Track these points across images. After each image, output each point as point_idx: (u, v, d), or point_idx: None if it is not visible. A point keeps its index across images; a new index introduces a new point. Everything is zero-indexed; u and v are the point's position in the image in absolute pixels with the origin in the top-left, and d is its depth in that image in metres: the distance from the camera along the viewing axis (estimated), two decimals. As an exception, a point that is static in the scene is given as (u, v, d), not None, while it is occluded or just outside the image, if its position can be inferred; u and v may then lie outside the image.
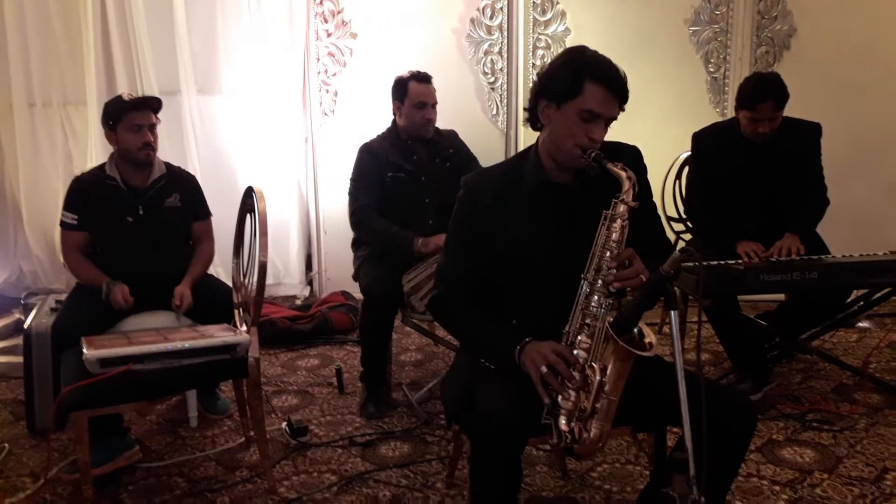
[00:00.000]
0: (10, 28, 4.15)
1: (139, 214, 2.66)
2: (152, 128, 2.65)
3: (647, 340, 1.58)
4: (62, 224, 2.68)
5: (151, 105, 2.67)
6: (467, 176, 1.84)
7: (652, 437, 1.96)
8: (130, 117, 2.60)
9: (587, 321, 1.63)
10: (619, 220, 1.63)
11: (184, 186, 2.79)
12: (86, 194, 2.67)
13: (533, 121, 1.79)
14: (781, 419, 2.73)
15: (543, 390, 1.59)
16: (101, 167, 2.71)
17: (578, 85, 1.65)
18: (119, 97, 2.67)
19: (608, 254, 1.63)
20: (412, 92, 2.96)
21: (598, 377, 1.57)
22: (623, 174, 1.63)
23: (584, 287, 1.65)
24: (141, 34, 4.16)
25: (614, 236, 1.63)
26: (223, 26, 4.29)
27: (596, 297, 1.62)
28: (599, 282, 1.63)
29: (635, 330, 1.59)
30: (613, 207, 1.64)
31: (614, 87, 1.66)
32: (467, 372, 1.81)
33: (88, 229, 2.67)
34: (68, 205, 2.67)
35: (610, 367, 1.57)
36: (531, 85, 1.81)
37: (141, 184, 2.68)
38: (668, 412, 1.56)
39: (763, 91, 2.77)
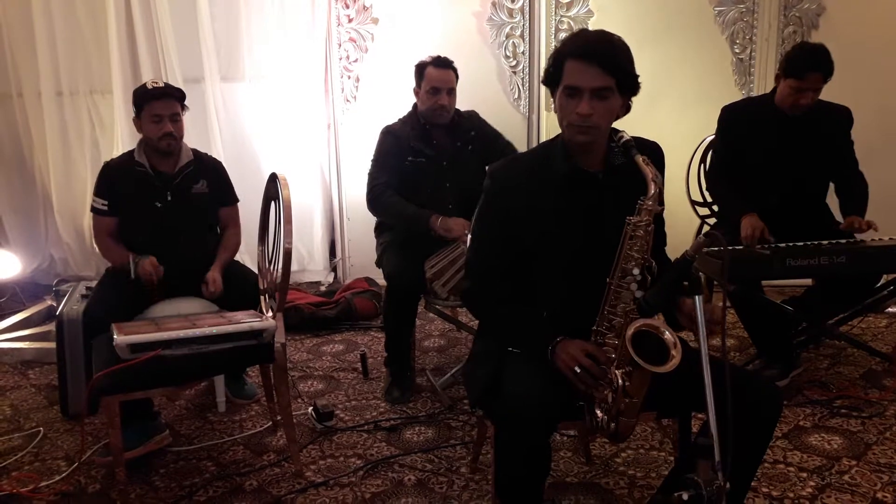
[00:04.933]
0: (36, 17, 4.21)
1: (167, 200, 2.69)
2: (174, 117, 2.64)
3: (671, 352, 1.56)
4: (93, 209, 2.71)
5: (174, 94, 2.66)
6: (494, 165, 1.83)
7: (677, 422, 1.96)
8: (151, 107, 2.60)
9: (614, 322, 1.65)
10: (643, 226, 1.62)
11: (211, 173, 2.81)
12: (115, 180, 2.69)
13: None
14: (808, 405, 2.71)
15: (580, 386, 1.63)
16: (131, 153, 2.73)
17: (560, 67, 1.68)
18: (144, 86, 2.67)
19: (632, 262, 1.62)
20: (428, 76, 2.95)
21: (621, 382, 1.60)
22: (649, 174, 1.61)
23: (611, 292, 1.65)
24: (164, 22, 4.19)
25: (638, 244, 1.62)
26: (246, 13, 4.30)
27: (622, 304, 1.63)
28: (624, 287, 1.63)
29: (667, 335, 1.58)
30: (638, 212, 1.62)
31: (586, 56, 1.64)
32: (491, 357, 1.80)
33: (118, 214, 2.70)
34: (98, 190, 2.70)
35: (633, 374, 1.60)
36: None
37: (169, 170, 2.70)
38: (693, 398, 1.56)
39: (815, 59, 2.72)
